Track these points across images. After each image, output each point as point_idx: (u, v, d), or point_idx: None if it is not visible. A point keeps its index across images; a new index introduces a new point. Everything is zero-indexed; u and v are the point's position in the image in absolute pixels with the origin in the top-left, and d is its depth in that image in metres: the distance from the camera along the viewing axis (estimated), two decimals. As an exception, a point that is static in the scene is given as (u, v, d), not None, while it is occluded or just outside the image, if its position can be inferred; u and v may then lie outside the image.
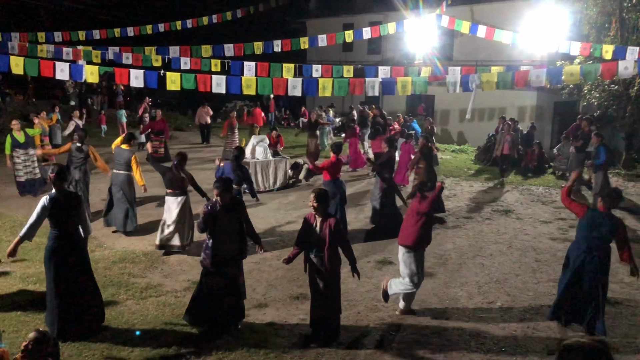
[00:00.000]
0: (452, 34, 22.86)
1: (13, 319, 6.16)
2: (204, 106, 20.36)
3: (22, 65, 9.65)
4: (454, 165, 17.34)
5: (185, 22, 20.10)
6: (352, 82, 10.07)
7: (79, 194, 6.14)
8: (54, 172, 5.86)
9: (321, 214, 5.77)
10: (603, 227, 5.95)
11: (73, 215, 5.81)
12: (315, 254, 5.79)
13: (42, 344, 4.00)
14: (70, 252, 5.75)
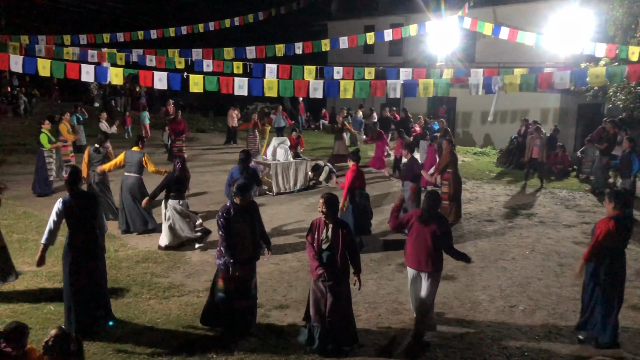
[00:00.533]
0: (474, 36, 22.69)
1: (40, 316, 6.28)
2: (234, 108, 20.42)
3: (49, 67, 9.81)
4: (476, 168, 17.20)
5: (208, 25, 20.23)
6: (373, 84, 10.04)
7: (95, 194, 6.09)
8: (67, 174, 5.96)
9: (331, 219, 5.59)
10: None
11: (89, 216, 5.85)
12: (326, 260, 5.57)
13: (63, 340, 4.05)
14: (86, 252, 5.82)
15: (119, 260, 8.25)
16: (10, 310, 6.40)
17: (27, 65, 9.70)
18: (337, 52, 26.80)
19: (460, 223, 10.86)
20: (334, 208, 5.62)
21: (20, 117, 22.42)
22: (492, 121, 15.90)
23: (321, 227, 5.62)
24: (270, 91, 10.10)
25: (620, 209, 5.85)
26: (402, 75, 14.22)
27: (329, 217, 5.58)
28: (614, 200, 5.90)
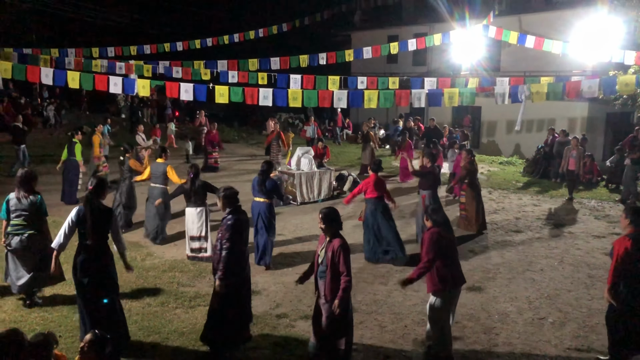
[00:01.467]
0: (500, 45, 22.51)
1: (69, 324, 6.36)
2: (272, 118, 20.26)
3: (78, 79, 10.05)
4: (502, 178, 17.00)
5: (233, 37, 20.50)
6: (398, 93, 10.04)
7: (111, 209, 6.05)
8: (92, 185, 5.95)
9: (330, 234, 5.34)
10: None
11: (102, 230, 5.77)
12: (319, 276, 5.36)
13: (97, 345, 4.09)
14: (96, 265, 5.70)
15: (146, 269, 8.33)
16: (41, 318, 6.51)
17: (57, 77, 9.94)
18: (360, 62, 26.79)
19: (486, 234, 10.72)
20: (332, 223, 5.33)
21: (49, 129, 22.89)
22: (519, 130, 15.72)
23: (321, 241, 5.48)
24: (295, 101, 10.17)
25: (637, 226, 5.47)
26: (426, 84, 14.18)
27: (326, 232, 5.35)
28: (630, 216, 5.52)
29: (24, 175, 6.71)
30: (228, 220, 5.64)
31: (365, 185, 9.23)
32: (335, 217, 5.37)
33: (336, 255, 5.19)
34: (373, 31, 29.92)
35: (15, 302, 6.91)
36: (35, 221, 6.63)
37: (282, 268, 8.63)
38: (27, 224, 6.61)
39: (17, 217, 6.60)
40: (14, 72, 9.73)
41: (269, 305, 7.16)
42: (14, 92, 24.17)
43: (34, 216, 6.62)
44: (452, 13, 24.11)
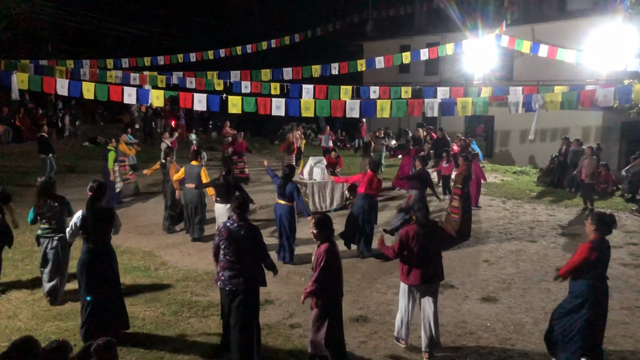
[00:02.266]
0: (512, 54, 22.44)
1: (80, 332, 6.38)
2: (297, 127, 20.04)
3: (93, 90, 10.16)
4: (516, 187, 16.89)
5: (245, 48, 20.63)
6: (410, 103, 10.03)
7: (111, 209, 6.56)
8: (91, 190, 6.33)
9: (321, 240, 5.44)
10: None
11: (103, 231, 6.23)
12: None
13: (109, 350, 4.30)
14: (100, 264, 6.14)
15: (160, 278, 8.35)
16: (56, 327, 6.54)
17: (72, 88, 10.06)
18: (372, 72, 26.88)
19: (501, 244, 10.65)
20: (324, 229, 5.42)
21: (64, 139, 23.13)
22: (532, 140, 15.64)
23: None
24: (307, 111, 10.20)
25: (601, 233, 5.58)
26: (439, 94, 14.16)
27: (317, 237, 5.44)
28: (595, 222, 5.62)
29: (41, 184, 7.24)
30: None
31: (360, 179, 10.13)
32: (327, 224, 5.45)
33: (320, 258, 5.27)
34: (385, 41, 29.98)
35: (31, 311, 6.96)
36: (63, 224, 7.12)
37: (295, 277, 8.62)
38: (56, 228, 7.16)
39: (46, 221, 7.18)
40: (30, 83, 9.88)
41: (283, 315, 7.14)
42: (30, 103, 24.47)
43: (60, 219, 7.14)
44: (464, 23, 24.11)
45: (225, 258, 5.60)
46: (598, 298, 5.55)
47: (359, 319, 7.00)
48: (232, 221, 5.71)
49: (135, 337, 6.30)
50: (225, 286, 5.60)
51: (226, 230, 5.63)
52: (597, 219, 5.62)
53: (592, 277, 5.52)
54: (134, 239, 10.57)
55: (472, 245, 10.61)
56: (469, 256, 9.89)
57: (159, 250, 9.84)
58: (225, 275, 5.59)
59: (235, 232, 5.60)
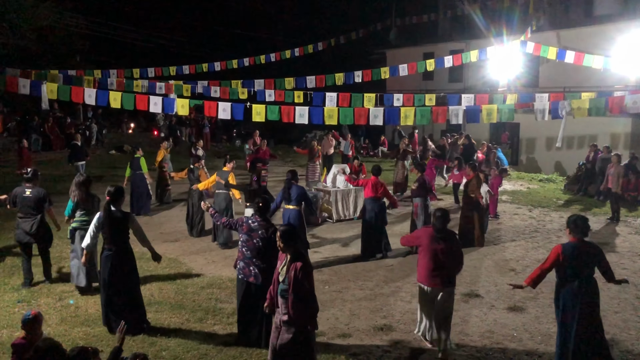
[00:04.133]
0: (538, 60, 22.18)
1: (111, 338, 6.45)
2: (330, 134, 19.81)
3: (120, 99, 10.31)
4: (542, 195, 16.65)
5: (269, 56, 20.77)
6: (434, 110, 9.97)
7: (128, 214, 6.85)
8: (108, 194, 6.70)
9: (290, 253, 5.13)
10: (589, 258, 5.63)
11: (119, 233, 6.63)
12: (281, 295, 5.13)
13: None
14: (118, 263, 6.58)
15: (185, 285, 8.42)
16: (83, 333, 6.63)
17: (100, 97, 10.23)
18: (395, 80, 26.84)
19: (527, 253, 10.50)
20: (290, 241, 5.11)
21: (92, 148, 23.51)
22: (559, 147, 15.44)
23: (281, 258, 5.28)
24: (331, 119, 10.21)
25: (576, 236, 5.64)
26: (463, 101, 14.05)
27: (285, 250, 5.13)
28: (570, 226, 5.71)
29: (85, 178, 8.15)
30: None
31: (365, 182, 10.39)
32: (293, 235, 5.19)
33: (299, 276, 4.97)
34: (408, 48, 29.92)
35: (60, 316, 7.06)
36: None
37: (318, 285, 8.60)
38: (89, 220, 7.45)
39: (84, 213, 7.90)
40: (59, 93, 10.06)
41: (306, 323, 7.12)
42: (58, 112, 24.97)
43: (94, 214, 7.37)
44: (488, 29, 23.95)
45: (242, 250, 6.19)
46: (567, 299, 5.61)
47: (383, 328, 6.95)
48: (254, 219, 6.21)
49: (160, 343, 6.35)
50: (239, 274, 6.28)
51: (247, 226, 6.16)
52: (572, 221, 5.72)
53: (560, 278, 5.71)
54: (159, 245, 10.66)
55: (498, 253, 10.48)
56: (495, 265, 9.76)
57: (183, 257, 9.92)
58: (240, 265, 6.24)
59: (254, 230, 6.11)
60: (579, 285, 5.53)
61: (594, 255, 5.65)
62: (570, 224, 5.71)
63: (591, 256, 5.63)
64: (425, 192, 10.64)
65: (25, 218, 8.02)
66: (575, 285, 5.55)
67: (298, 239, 5.28)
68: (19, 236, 8.12)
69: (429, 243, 6.11)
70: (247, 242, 6.12)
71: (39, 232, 8.06)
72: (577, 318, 5.53)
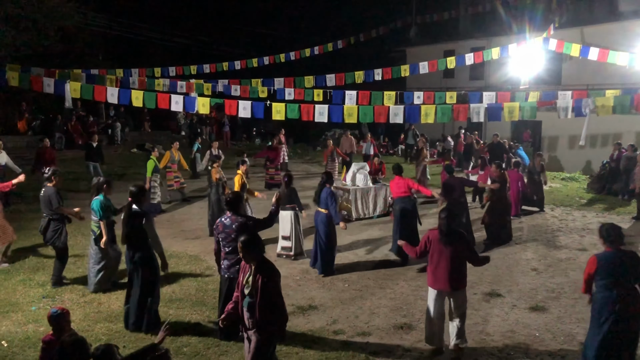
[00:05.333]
0: (560, 58, 21.88)
1: (132, 335, 6.55)
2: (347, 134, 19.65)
3: (142, 98, 10.44)
4: (564, 194, 16.42)
5: (289, 55, 20.81)
6: (455, 108, 9.91)
7: (145, 213, 6.82)
8: (130, 194, 6.77)
9: (253, 262, 4.85)
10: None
11: (135, 231, 6.64)
12: (247, 307, 4.86)
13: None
14: (137, 261, 6.64)
15: (205, 283, 8.47)
16: (106, 329, 6.72)
17: (122, 96, 10.38)
18: (415, 78, 26.67)
19: (549, 252, 10.37)
20: (252, 249, 4.82)
21: (114, 146, 23.80)
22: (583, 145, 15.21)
23: (246, 268, 4.98)
24: (350, 117, 10.22)
25: (611, 245, 5.46)
26: (485, 99, 13.93)
27: (247, 260, 4.86)
28: (603, 235, 5.56)
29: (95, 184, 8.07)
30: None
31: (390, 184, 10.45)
32: (255, 243, 4.86)
33: (268, 286, 4.75)
34: (429, 46, 29.73)
35: (83, 313, 7.16)
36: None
37: (339, 283, 8.60)
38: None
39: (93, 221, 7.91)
40: (82, 91, 10.23)
41: (326, 321, 7.14)
42: (81, 111, 25.29)
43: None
44: (510, 26, 23.69)
45: (224, 249, 6.17)
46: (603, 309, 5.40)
47: (403, 327, 6.92)
48: (226, 217, 6.19)
49: (181, 340, 6.40)
50: (224, 274, 6.25)
51: (222, 224, 6.15)
52: (604, 230, 5.60)
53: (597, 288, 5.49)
54: (180, 243, 10.78)
55: (520, 253, 10.37)
56: (517, 264, 9.66)
57: (204, 254, 9.99)
58: (225, 264, 6.22)
59: (228, 226, 6.10)
60: (618, 295, 5.30)
61: (631, 266, 5.39)
62: (602, 234, 5.55)
63: (628, 266, 5.38)
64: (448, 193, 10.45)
65: (42, 217, 8.24)
66: (614, 295, 5.31)
67: (259, 248, 4.89)
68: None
69: (437, 244, 6.00)
70: (226, 239, 6.09)
71: (45, 232, 8.15)
72: (609, 328, 5.33)
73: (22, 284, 8.23)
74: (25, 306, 7.40)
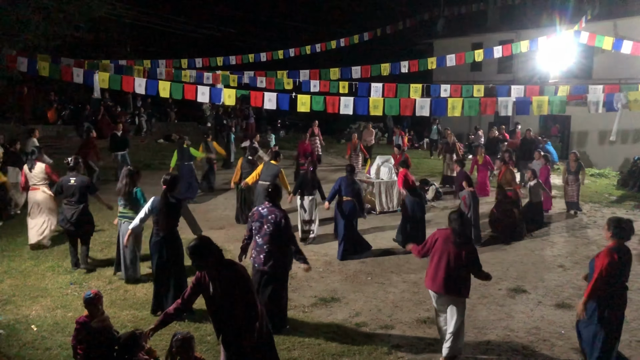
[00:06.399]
0: (592, 51, 21.38)
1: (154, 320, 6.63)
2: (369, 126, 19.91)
3: (169, 89, 10.54)
4: (593, 190, 16.12)
5: (315, 47, 20.74)
6: (483, 101, 9.79)
7: (180, 201, 7.01)
8: (164, 182, 6.89)
9: (211, 268, 4.48)
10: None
11: (171, 219, 6.81)
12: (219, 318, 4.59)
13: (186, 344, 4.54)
14: (167, 248, 6.77)
15: (229, 272, 8.53)
16: (132, 316, 6.82)
17: (149, 87, 10.49)
18: (442, 71, 26.36)
19: (577, 249, 10.20)
20: (203, 257, 4.41)
21: (141, 137, 24.09)
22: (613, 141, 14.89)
23: (199, 278, 4.59)
24: (376, 110, 10.17)
25: (620, 239, 5.30)
26: (513, 92, 13.71)
27: (201, 268, 4.52)
28: (612, 229, 5.31)
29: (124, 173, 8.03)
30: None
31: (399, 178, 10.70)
32: (203, 250, 4.40)
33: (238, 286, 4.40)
34: (456, 39, 29.35)
35: (109, 299, 7.28)
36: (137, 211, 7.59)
37: (362, 276, 8.59)
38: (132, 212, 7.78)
39: (122, 206, 7.92)
40: (110, 82, 10.37)
41: (349, 313, 7.14)
42: (109, 101, 25.64)
43: (134, 206, 7.76)
44: (540, 19, 23.24)
45: (256, 238, 6.23)
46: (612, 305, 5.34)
47: (426, 321, 6.88)
48: (264, 206, 6.31)
49: (205, 328, 6.47)
50: (254, 263, 6.30)
51: (257, 213, 6.25)
52: (614, 224, 5.34)
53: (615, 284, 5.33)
54: (206, 233, 10.81)
55: (546, 249, 10.22)
56: (543, 261, 9.52)
57: (229, 244, 10.05)
58: (254, 254, 6.28)
59: (264, 216, 6.17)
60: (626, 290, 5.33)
61: (629, 263, 5.35)
62: (613, 226, 5.31)
63: (629, 263, 5.34)
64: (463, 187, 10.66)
65: (69, 205, 8.31)
66: (626, 291, 5.35)
67: (212, 250, 4.44)
68: (61, 222, 8.49)
69: (442, 244, 5.73)
70: (260, 229, 6.19)
71: (78, 221, 8.27)
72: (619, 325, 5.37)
73: (51, 270, 8.41)
74: (54, 292, 7.55)
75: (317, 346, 6.14)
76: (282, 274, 6.40)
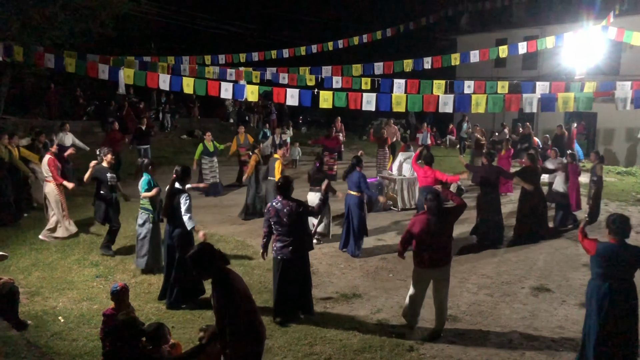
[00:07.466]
0: (620, 47, 20.99)
1: (180, 315, 6.74)
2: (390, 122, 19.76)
3: (192, 85, 10.62)
4: (620, 189, 15.85)
5: (337, 43, 20.67)
6: (507, 98, 9.64)
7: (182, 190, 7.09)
8: (175, 173, 7.09)
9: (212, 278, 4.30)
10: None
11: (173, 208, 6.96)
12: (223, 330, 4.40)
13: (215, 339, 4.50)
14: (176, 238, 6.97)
15: (252, 267, 8.61)
16: (156, 309, 6.93)
17: (173, 83, 10.57)
18: (466, 67, 26.12)
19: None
20: (204, 266, 4.26)
21: (165, 132, 24.34)
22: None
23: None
24: (398, 106, 10.09)
25: (616, 236, 5.29)
26: (538, 89, 13.51)
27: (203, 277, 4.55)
28: (610, 226, 5.38)
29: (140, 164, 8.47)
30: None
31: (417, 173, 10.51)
32: (204, 259, 4.24)
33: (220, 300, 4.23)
34: (480, 34, 29.08)
35: (134, 292, 7.39)
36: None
37: (383, 273, 8.58)
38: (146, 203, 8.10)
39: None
40: (135, 78, 10.48)
41: (370, 309, 7.15)
42: (134, 97, 25.93)
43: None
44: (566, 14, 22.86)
45: (277, 231, 6.45)
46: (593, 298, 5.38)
47: (448, 319, 6.83)
48: (277, 201, 6.49)
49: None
50: (277, 255, 6.50)
51: (273, 209, 6.44)
52: (610, 221, 5.40)
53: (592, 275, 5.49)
54: (227, 228, 10.97)
55: (571, 248, 10.08)
56: (567, 259, 9.40)
57: (250, 239, 10.13)
58: (277, 245, 6.48)
59: (280, 210, 6.37)
60: (609, 288, 5.25)
61: (635, 261, 5.25)
62: (609, 224, 5.38)
63: (628, 262, 5.25)
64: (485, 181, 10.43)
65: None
66: (605, 287, 5.27)
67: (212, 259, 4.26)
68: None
69: (425, 228, 6.16)
70: (278, 223, 6.42)
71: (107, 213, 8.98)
72: (602, 322, 5.27)
73: (77, 263, 8.57)
74: (80, 284, 7.69)
75: (338, 342, 6.16)
76: (306, 261, 6.75)
